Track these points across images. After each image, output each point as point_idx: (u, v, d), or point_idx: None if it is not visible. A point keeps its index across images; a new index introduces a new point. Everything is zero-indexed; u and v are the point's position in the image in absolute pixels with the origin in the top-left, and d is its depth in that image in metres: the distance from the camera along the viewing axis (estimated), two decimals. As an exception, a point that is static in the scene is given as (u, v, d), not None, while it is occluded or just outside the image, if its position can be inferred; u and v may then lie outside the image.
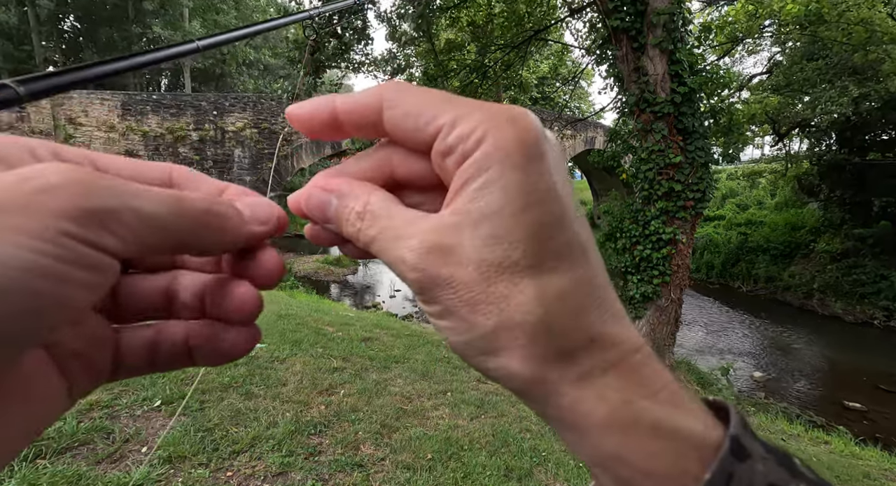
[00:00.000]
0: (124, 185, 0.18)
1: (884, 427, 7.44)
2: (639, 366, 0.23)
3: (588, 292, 0.22)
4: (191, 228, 0.21)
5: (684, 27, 6.41)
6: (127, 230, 0.17)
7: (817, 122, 14.89)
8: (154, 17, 22.83)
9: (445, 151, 0.22)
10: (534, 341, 0.21)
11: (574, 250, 0.22)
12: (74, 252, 0.16)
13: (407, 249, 0.23)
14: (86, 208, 0.16)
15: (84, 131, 12.55)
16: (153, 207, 0.18)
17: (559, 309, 0.21)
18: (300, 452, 2.81)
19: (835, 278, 14.92)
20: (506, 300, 0.21)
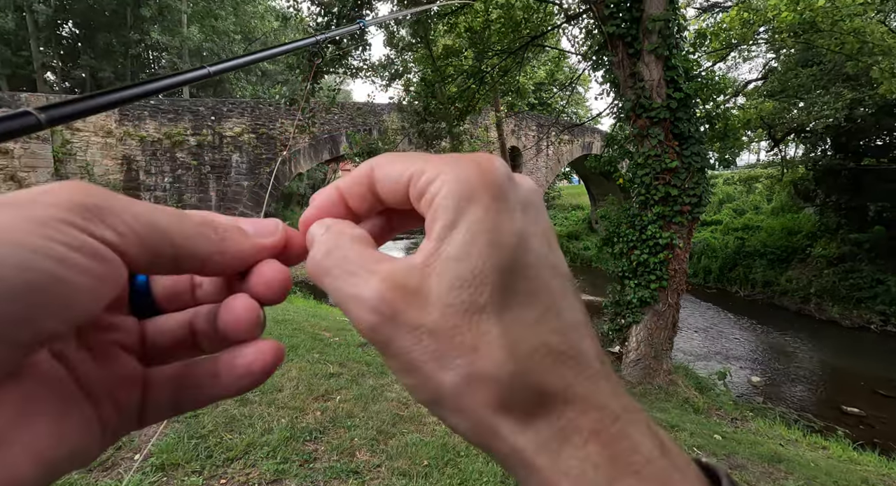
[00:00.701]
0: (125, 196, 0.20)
1: (882, 432, 7.43)
2: (620, 436, 0.20)
3: (563, 345, 0.21)
4: (188, 233, 0.21)
5: (679, 34, 6.46)
6: (124, 226, 0.19)
7: (812, 127, 15.00)
8: (152, 23, 22.90)
9: (418, 196, 0.22)
10: (502, 398, 0.20)
11: (547, 296, 0.21)
12: (76, 239, 0.17)
13: (366, 286, 0.21)
14: (85, 204, 0.18)
15: (81, 137, 12.53)
16: (148, 210, 0.20)
17: (530, 361, 0.20)
18: (295, 459, 2.79)
19: (831, 282, 14.96)
20: (474, 352, 0.20)
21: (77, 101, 0.37)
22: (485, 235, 0.20)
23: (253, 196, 15.10)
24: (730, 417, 5.93)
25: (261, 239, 0.25)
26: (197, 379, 0.25)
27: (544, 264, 0.22)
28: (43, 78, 22.70)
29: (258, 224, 0.26)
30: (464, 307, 0.20)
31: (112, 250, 0.18)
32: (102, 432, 0.22)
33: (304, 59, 8.24)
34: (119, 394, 0.23)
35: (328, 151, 16.47)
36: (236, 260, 0.24)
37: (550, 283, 0.21)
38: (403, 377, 0.21)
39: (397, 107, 12.56)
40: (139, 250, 0.19)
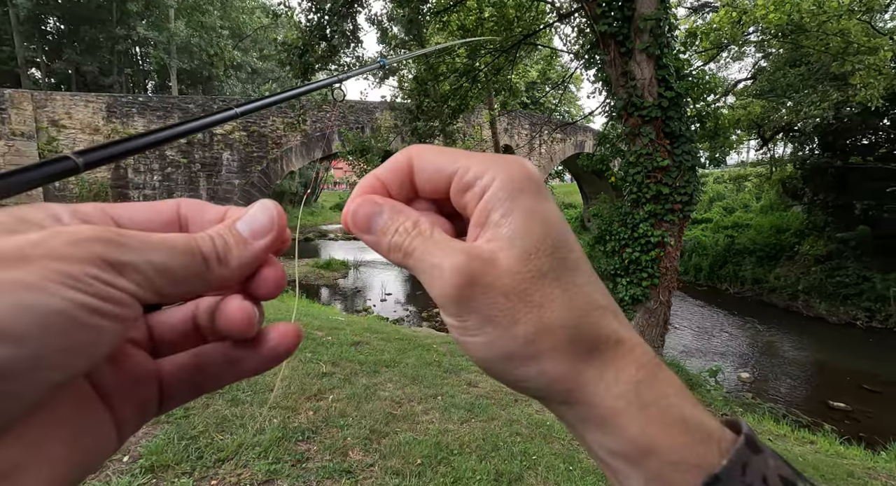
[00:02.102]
0: (138, 240, 0.21)
1: (867, 426, 7.57)
2: (659, 367, 0.25)
3: (603, 300, 0.26)
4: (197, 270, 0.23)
5: (670, 33, 6.50)
6: (142, 277, 0.21)
7: (800, 126, 15.21)
8: (139, 18, 22.54)
9: (462, 189, 0.26)
10: (569, 343, 0.24)
11: (584, 264, 0.26)
12: (100, 290, 0.19)
13: (452, 257, 0.25)
14: (106, 258, 0.19)
15: (67, 134, 12.32)
16: (161, 258, 0.22)
17: (587, 313, 0.25)
18: (287, 459, 2.76)
19: (819, 279, 15.20)
20: (540, 307, 0.24)
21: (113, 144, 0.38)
22: (539, 217, 0.25)
23: (244, 194, 14.96)
24: (720, 413, 6.00)
25: (260, 242, 0.26)
26: (215, 363, 0.27)
27: (573, 238, 0.27)
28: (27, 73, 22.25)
29: (253, 220, 0.26)
30: (531, 274, 0.24)
31: (131, 296, 0.20)
32: (119, 434, 0.24)
33: (295, 56, 8.16)
34: (137, 392, 0.25)
35: (320, 148, 16.37)
36: (242, 274, 0.26)
37: (581, 253, 0.27)
38: (474, 335, 0.25)
39: (390, 105, 12.52)
40: (154, 293, 0.21)
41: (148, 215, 0.27)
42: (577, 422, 0.26)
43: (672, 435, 0.23)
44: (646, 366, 0.25)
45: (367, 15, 10.31)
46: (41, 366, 0.17)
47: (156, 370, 0.27)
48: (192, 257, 0.23)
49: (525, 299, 0.24)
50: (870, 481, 3.91)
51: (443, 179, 0.27)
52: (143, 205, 0.27)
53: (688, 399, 0.25)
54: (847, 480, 3.82)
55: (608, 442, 0.25)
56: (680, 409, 0.24)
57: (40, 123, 11.82)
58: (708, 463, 0.23)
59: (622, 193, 6.89)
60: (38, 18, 22.29)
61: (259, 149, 15.18)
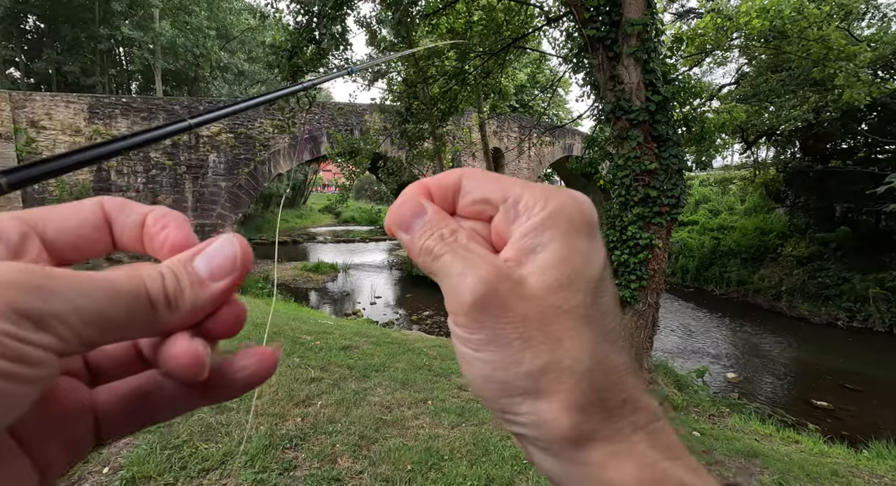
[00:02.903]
0: (67, 284, 0.18)
1: (850, 425, 7.72)
2: (663, 432, 0.24)
3: (625, 356, 0.24)
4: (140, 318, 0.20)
5: (657, 38, 6.58)
6: (67, 329, 0.18)
7: (782, 130, 15.54)
8: (123, 18, 22.15)
9: (512, 218, 0.25)
10: (578, 390, 0.22)
11: (616, 313, 0.25)
12: (12, 350, 0.16)
13: (481, 266, 0.24)
14: (22, 310, 0.16)
15: (47, 135, 12.02)
16: (95, 305, 0.18)
17: (610, 366, 0.23)
18: (274, 467, 2.71)
19: (801, 280, 15.51)
20: (559, 343, 0.22)
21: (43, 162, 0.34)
22: (581, 251, 0.24)
23: (231, 197, 14.76)
24: (707, 413, 6.06)
25: (219, 283, 0.23)
26: (168, 392, 0.23)
27: (614, 287, 0.26)
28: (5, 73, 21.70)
29: (214, 257, 0.23)
30: (557, 305, 0.23)
31: (49, 352, 0.17)
32: (43, 479, 0.21)
33: (283, 58, 8.08)
34: (64, 430, 0.22)
35: (309, 150, 16.23)
36: (194, 319, 0.22)
37: (616, 304, 0.25)
38: (481, 351, 0.23)
39: (380, 107, 12.48)
40: (82, 346, 0.19)
41: (74, 221, 0.23)
42: (559, 476, 0.24)
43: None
44: (645, 428, 0.23)
45: (356, 17, 10.27)
46: None
47: (89, 402, 0.23)
48: (136, 301, 0.20)
49: (544, 329, 0.22)
50: (853, 479, 3.98)
51: (488, 206, 0.26)
52: (67, 208, 0.24)
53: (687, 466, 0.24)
54: (831, 479, 3.87)
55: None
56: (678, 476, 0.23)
57: (18, 123, 11.52)
58: None
59: (611, 195, 6.94)
60: (17, 16, 21.78)
61: (246, 151, 15.00)
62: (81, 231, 0.23)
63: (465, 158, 19.80)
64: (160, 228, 0.25)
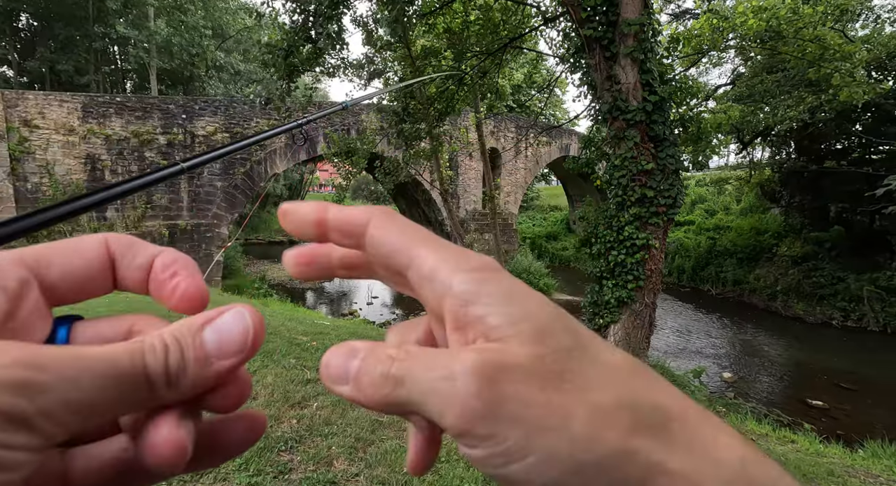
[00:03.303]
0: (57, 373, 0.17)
1: (845, 424, 7.76)
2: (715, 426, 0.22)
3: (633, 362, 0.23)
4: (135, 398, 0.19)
5: (654, 38, 6.59)
6: (53, 424, 0.16)
7: (777, 131, 15.62)
8: (117, 17, 21.99)
9: (424, 281, 0.22)
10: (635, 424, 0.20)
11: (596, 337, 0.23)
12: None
13: (457, 360, 0.20)
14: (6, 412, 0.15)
15: (40, 134, 11.91)
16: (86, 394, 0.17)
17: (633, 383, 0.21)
18: (269, 471, 2.68)
19: (796, 280, 15.60)
20: (585, 391, 0.20)
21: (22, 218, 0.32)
22: (524, 292, 0.22)
23: (227, 197, 14.68)
24: (704, 413, 6.07)
25: (226, 362, 0.21)
26: (139, 465, 0.21)
27: None
28: (-1, 72, 21.52)
29: (224, 332, 0.21)
30: (556, 354, 0.20)
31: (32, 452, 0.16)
32: None
33: (279, 57, 8.04)
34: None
35: (305, 150, 16.17)
36: (193, 395, 0.21)
37: None
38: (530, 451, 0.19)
39: (377, 107, 12.44)
40: (67, 435, 0.17)
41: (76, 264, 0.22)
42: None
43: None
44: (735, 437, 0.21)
45: (353, 16, 10.23)
46: None
47: (60, 471, 0.20)
48: (133, 381, 0.18)
49: (563, 386, 0.19)
50: (849, 479, 3.99)
51: (396, 263, 0.23)
52: (69, 248, 0.22)
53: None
54: (828, 479, 3.88)
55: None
56: None
57: (11, 122, 11.40)
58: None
59: (607, 195, 6.94)
60: (10, 14, 21.58)
61: (242, 151, 14.92)
62: (84, 274, 0.22)
63: (461, 158, 19.78)
64: (170, 275, 0.23)
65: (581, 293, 9.62)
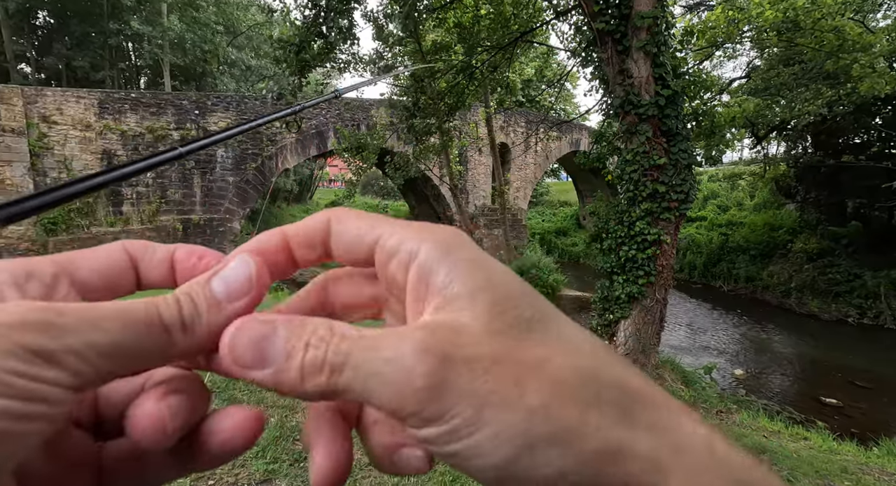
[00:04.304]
0: (79, 317, 0.18)
1: (859, 422, 7.67)
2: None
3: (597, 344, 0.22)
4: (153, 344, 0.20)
5: (667, 31, 6.50)
6: (79, 362, 0.17)
7: (794, 125, 15.31)
8: (131, 13, 22.25)
9: (388, 255, 0.22)
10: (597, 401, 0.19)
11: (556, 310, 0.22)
12: (19, 388, 0.16)
13: (403, 345, 0.19)
14: (31, 348, 0.16)
15: (59, 130, 12.14)
16: (108, 337, 0.18)
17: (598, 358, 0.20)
18: (285, 458, 2.75)
19: (811, 277, 15.35)
20: (544, 365, 0.19)
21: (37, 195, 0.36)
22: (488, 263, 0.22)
23: (239, 192, 14.85)
24: (715, 409, 6.05)
25: (236, 304, 0.22)
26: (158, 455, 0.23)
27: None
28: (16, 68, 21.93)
29: (231, 278, 0.22)
30: (514, 326, 0.19)
31: (62, 389, 0.17)
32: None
33: (291, 53, 8.09)
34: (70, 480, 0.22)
35: (316, 146, 16.27)
36: (210, 343, 0.21)
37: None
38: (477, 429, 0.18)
39: (388, 102, 12.47)
40: (97, 379, 0.18)
41: (101, 263, 0.23)
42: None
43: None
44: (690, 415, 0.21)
45: (363, 11, 10.23)
46: None
47: (95, 456, 0.23)
48: (150, 329, 0.19)
49: (519, 360, 0.19)
50: (863, 476, 3.95)
51: (364, 246, 0.23)
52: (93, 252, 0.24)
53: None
54: (841, 476, 3.86)
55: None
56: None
57: (30, 119, 11.65)
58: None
59: (618, 191, 6.90)
60: (28, 12, 21.95)
61: (254, 146, 15.06)
62: (109, 273, 0.23)
63: (471, 154, 19.73)
64: (197, 258, 0.25)
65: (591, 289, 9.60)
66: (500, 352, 0.19)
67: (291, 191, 33.62)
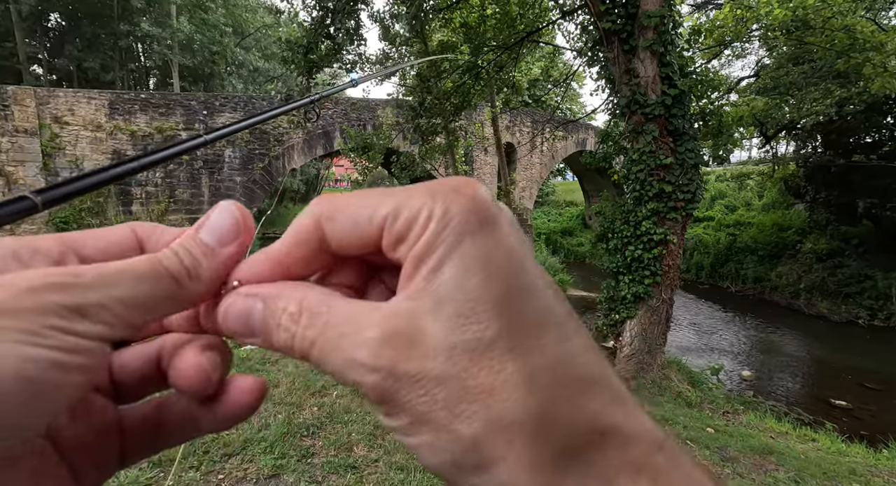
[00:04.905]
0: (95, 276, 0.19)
1: (869, 424, 7.58)
2: (667, 469, 0.19)
3: (583, 369, 0.19)
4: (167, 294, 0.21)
5: (674, 30, 6.48)
6: (109, 315, 0.19)
7: (803, 124, 15.15)
8: (141, 15, 22.51)
9: (396, 242, 0.20)
10: (534, 442, 0.17)
11: (555, 320, 0.19)
12: (60, 340, 0.17)
13: (359, 346, 0.19)
14: (65, 304, 0.17)
15: (70, 131, 12.32)
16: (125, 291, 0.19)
17: (554, 394, 0.18)
18: (293, 454, 2.79)
19: (821, 278, 15.18)
20: (489, 395, 0.18)
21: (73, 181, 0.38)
22: (479, 262, 0.19)
23: (246, 192, 14.97)
24: (721, 410, 6.01)
25: (229, 248, 0.23)
26: (175, 418, 0.24)
27: (542, 282, 0.20)
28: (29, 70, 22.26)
29: (216, 226, 0.23)
30: (470, 346, 0.18)
31: (98, 340, 0.18)
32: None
33: (299, 54, 8.15)
34: (97, 445, 0.23)
35: (322, 146, 16.35)
36: (216, 286, 0.23)
37: (553, 303, 0.20)
38: (415, 438, 0.19)
39: (395, 102, 12.50)
40: (126, 328, 0.19)
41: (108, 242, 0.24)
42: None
43: None
44: (641, 470, 0.18)
45: (370, 12, 10.28)
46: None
47: (117, 421, 0.24)
48: (160, 279, 0.21)
49: (466, 383, 0.18)
50: (872, 478, 3.92)
51: (370, 235, 0.20)
52: (100, 231, 0.24)
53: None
54: (849, 477, 3.83)
55: None
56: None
57: (43, 119, 11.82)
58: None
59: (624, 190, 6.88)
60: (40, 14, 22.27)
61: (261, 146, 15.18)
62: (115, 250, 0.24)
63: (477, 153, 19.74)
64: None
65: (597, 289, 9.56)
66: (447, 373, 0.18)
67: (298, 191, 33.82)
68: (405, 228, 0.20)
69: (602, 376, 0.20)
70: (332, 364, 0.20)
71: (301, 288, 0.22)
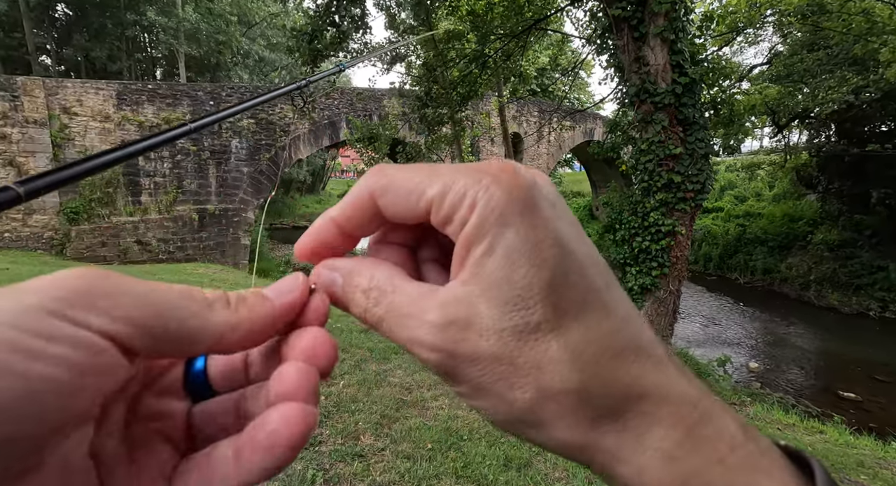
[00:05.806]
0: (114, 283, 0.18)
1: (878, 417, 7.54)
2: (701, 424, 0.21)
3: (623, 341, 0.21)
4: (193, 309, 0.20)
5: (686, 16, 6.34)
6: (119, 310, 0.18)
7: (817, 113, 14.84)
8: (148, 4, 22.43)
9: (443, 223, 0.22)
10: (578, 408, 0.21)
11: (597, 298, 0.21)
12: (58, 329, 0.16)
13: (421, 327, 0.22)
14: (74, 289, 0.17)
15: (79, 121, 12.40)
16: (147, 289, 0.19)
17: (596, 367, 0.21)
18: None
19: (831, 269, 14.99)
20: (538, 369, 0.20)
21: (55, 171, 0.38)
22: (524, 253, 0.20)
23: (253, 182, 15.02)
24: (728, 402, 6.00)
25: (281, 298, 0.23)
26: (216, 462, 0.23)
27: (586, 262, 0.22)
28: (38, 60, 22.37)
29: (278, 285, 0.24)
30: (518, 330, 0.20)
31: (103, 337, 0.17)
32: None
33: (304, 42, 8.10)
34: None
35: (328, 136, 16.32)
36: (255, 329, 0.22)
37: (595, 281, 0.22)
38: (477, 401, 0.22)
39: (399, 91, 12.43)
40: (137, 333, 0.18)
41: None
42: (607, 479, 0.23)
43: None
44: (676, 426, 0.21)
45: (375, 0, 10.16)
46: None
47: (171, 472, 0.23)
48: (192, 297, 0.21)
49: (517, 361, 0.20)
50: (880, 470, 3.90)
51: (419, 213, 0.22)
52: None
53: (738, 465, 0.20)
54: (857, 469, 3.81)
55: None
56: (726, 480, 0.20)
57: (52, 110, 11.90)
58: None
59: (633, 181, 6.81)
60: (48, 4, 22.29)
61: (267, 137, 15.18)
62: None
63: (483, 143, 19.60)
64: None
65: (603, 280, 9.46)
66: (499, 352, 0.20)
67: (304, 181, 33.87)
68: (451, 210, 0.21)
69: (643, 344, 0.22)
70: (398, 339, 0.23)
71: (372, 265, 0.24)
